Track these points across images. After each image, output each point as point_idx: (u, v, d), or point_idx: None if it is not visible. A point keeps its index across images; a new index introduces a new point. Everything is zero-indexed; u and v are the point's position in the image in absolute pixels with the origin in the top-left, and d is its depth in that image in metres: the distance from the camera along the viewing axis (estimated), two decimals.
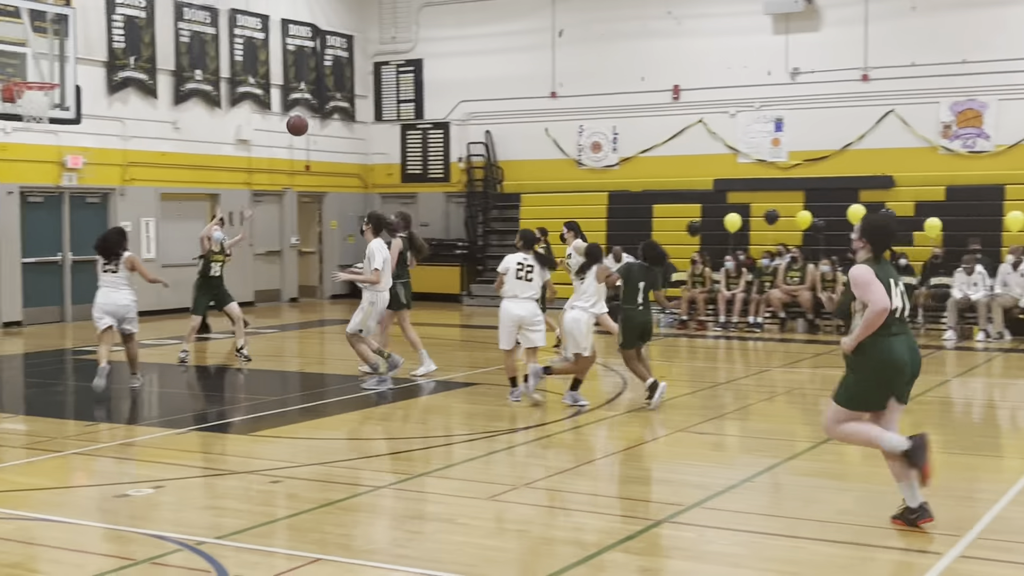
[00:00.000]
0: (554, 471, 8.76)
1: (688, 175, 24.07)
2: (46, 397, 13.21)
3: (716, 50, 23.85)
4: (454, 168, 26.89)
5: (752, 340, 18.33)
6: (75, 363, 15.87)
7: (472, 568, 6.30)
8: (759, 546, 6.82)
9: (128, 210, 21.52)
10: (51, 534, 7.04)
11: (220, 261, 15.20)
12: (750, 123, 23.76)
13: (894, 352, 6.87)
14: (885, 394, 6.98)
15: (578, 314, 11.46)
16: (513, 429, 10.54)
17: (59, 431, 10.57)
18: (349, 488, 8.16)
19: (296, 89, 25.54)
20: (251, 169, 24.47)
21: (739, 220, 21.08)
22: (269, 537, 6.95)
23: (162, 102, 22.43)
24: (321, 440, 10.26)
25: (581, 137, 25.43)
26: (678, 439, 10.09)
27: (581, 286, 11.61)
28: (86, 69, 19.52)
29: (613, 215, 24.17)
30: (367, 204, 27.71)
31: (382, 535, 6.98)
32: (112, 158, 21.39)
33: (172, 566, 6.36)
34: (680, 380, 14.49)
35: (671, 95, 24.45)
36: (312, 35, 26.00)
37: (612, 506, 7.69)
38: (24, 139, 19.19)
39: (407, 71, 27.37)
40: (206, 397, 13.31)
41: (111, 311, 12.49)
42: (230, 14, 23.85)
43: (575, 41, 25.33)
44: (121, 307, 12.49)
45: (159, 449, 9.77)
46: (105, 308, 12.50)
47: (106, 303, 12.51)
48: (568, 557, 6.47)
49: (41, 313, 20.46)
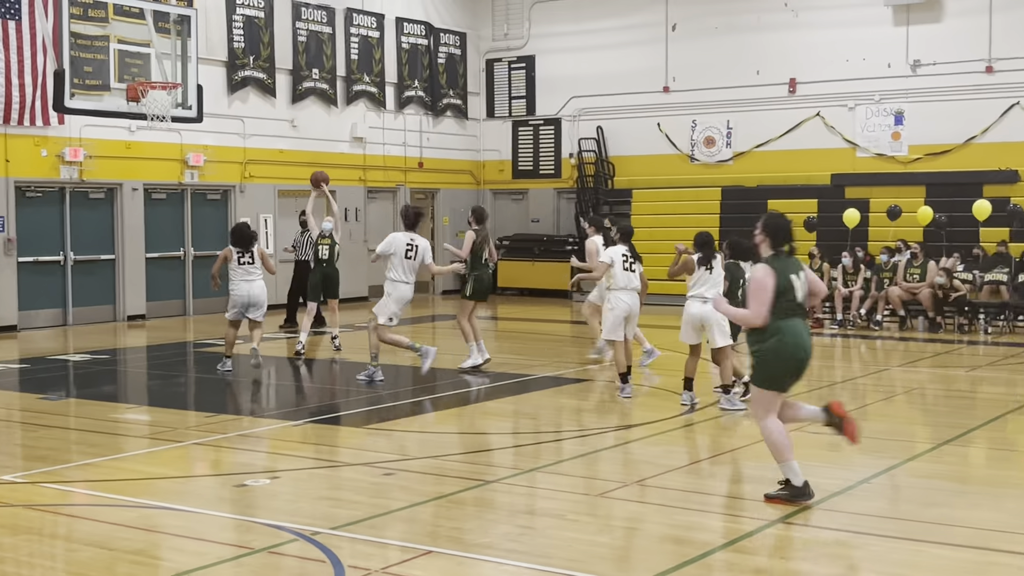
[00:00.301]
0: (665, 469, 8.69)
1: (804, 170, 23.68)
2: (168, 388, 13.61)
3: (834, 42, 23.40)
4: (565, 164, 26.88)
5: (870, 338, 17.93)
6: (196, 355, 16.30)
7: (582, 564, 6.29)
8: (876, 549, 6.66)
9: (247, 207, 22.01)
10: (172, 522, 7.23)
11: (327, 244, 15.63)
12: (869, 116, 23.25)
13: (794, 341, 7.49)
14: (791, 380, 7.59)
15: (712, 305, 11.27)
16: (624, 426, 10.49)
17: (180, 422, 10.85)
18: (460, 482, 8.22)
19: (410, 87, 25.81)
20: (366, 166, 24.81)
21: (858, 216, 20.62)
22: (382, 529, 7.03)
23: (280, 101, 22.88)
24: (432, 433, 10.35)
25: (694, 132, 25.19)
26: (793, 439, 9.90)
27: (710, 277, 11.36)
28: (207, 69, 19.99)
29: (726, 211, 23.89)
30: (479, 200, 27.90)
31: (493, 529, 7.01)
32: (232, 156, 21.91)
33: (288, 555, 6.47)
34: None
35: (787, 88, 24.06)
36: (426, 33, 26.25)
37: (724, 505, 7.59)
38: (148, 138, 19.77)
39: (519, 67, 27.45)
40: (320, 389, 13.53)
41: (246, 301, 13.47)
42: (346, 13, 24.20)
43: (688, 35, 25.10)
44: (255, 296, 13.51)
45: (275, 440, 9.98)
46: (240, 298, 13.49)
47: (241, 293, 13.49)
48: (679, 556, 6.41)
49: (163, 307, 21.07)
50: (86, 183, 19.69)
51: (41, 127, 18.74)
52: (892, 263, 19.23)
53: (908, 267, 18.98)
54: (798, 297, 7.58)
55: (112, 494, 7.92)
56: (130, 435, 10.39)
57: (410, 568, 6.18)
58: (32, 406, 11.79)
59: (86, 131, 19.23)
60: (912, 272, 18.91)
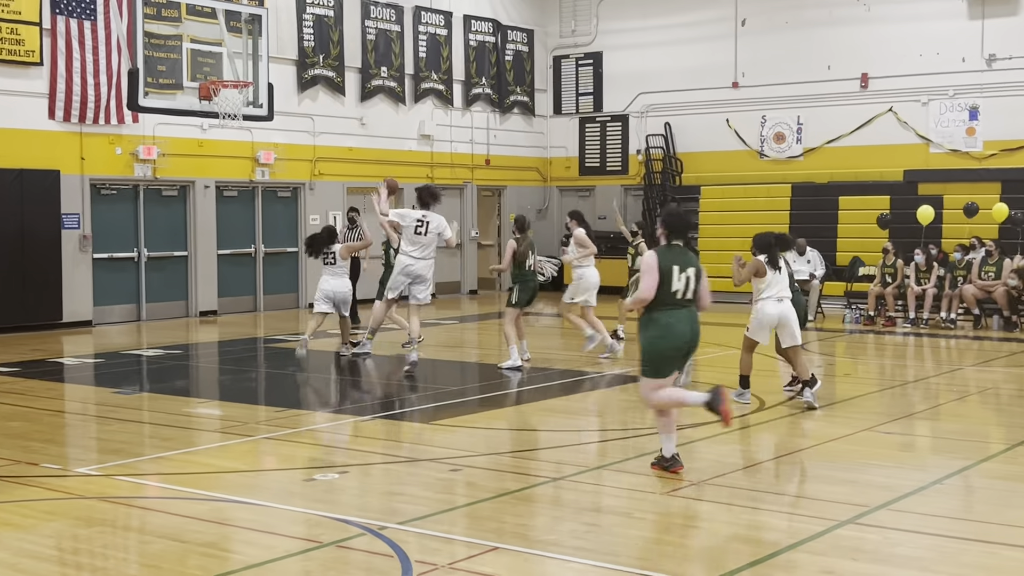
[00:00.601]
0: (733, 468, 8.62)
1: (876, 166, 23.35)
2: (239, 383, 13.79)
3: (907, 36, 23.05)
4: (632, 160, 26.78)
5: (944, 337, 17.62)
6: (267, 351, 16.49)
7: (649, 563, 6.26)
8: (949, 551, 6.55)
9: (316, 204, 22.23)
10: (242, 515, 7.33)
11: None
12: (943, 112, 22.86)
13: (670, 329, 8.06)
14: (670, 364, 8.16)
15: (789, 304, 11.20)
16: (691, 424, 10.42)
17: (251, 416, 10.99)
18: (526, 478, 8.23)
19: (477, 84, 25.88)
20: (433, 163, 24.92)
21: (932, 213, 20.26)
22: (449, 524, 7.06)
23: (349, 99, 23.08)
24: (498, 430, 10.37)
25: (764, 128, 24.95)
26: (863, 438, 9.79)
27: (779, 276, 11.23)
28: (278, 67, 20.22)
29: (796, 207, 23.65)
30: (545, 197, 27.91)
31: (559, 526, 7.00)
32: (302, 154, 22.14)
33: (356, 549, 6.53)
34: (866, 378, 14.08)
35: (859, 83, 23.74)
36: (493, 30, 26.29)
37: (793, 505, 7.51)
38: (220, 136, 20.05)
39: (586, 64, 27.40)
40: (387, 385, 13.61)
41: (331, 296, 14.41)
42: (414, 11, 24.33)
43: (758, 30, 24.87)
44: (340, 293, 14.47)
45: (343, 435, 10.07)
46: (326, 293, 14.41)
47: (327, 289, 14.42)
48: (747, 555, 6.35)
49: (234, 303, 21.35)
50: (159, 180, 20.02)
51: (116, 125, 19.10)
52: (966, 261, 18.88)
53: (983, 265, 18.63)
54: (674, 287, 8.04)
55: (184, 487, 8.05)
56: (202, 429, 10.55)
57: (476, 564, 6.20)
58: (107, 400, 12.02)
59: (159, 129, 19.55)
60: (987, 270, 18.55)
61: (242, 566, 6.20)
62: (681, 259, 8.15)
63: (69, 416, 11.26)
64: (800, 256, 20.03)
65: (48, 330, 18.14)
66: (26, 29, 17.88)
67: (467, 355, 15.57)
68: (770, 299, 11.17)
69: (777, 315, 11.15)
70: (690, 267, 8.14)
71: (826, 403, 11.52)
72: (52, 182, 18.33)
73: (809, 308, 19.50)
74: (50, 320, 18.35)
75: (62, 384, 13.31)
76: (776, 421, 10.64)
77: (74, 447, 9.84)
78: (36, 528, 6.96)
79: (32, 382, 13.05)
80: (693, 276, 8.14)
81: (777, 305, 11.13)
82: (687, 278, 8.10)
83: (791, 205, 23.76)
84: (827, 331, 18.38)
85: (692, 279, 8.13)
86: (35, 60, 18.06)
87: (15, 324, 17.84)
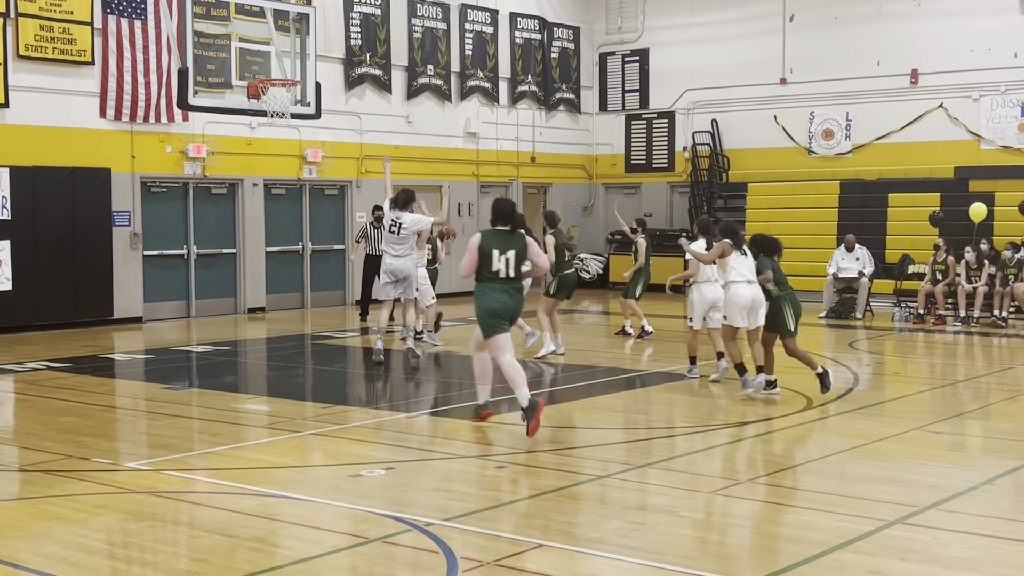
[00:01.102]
0: (779, 467, 8.57)
1: (926, 163, 23.09)
2: (286, 380, 13.90)
3: (958, 31, 22.76)
4: (678, 157, 26.66)
5: (995, 336, 17.40)
6: (314, 347, 16.61)
7: (694, 561, 6.24)
8: (999, 552, 6.47)
9: (363, 202, 22.33)
10: (290, 510, 7.38)
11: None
12: (995, 108, 22.56)
13: (488, 300, 9.53)
14: (491, 327, 9.53)
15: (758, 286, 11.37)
16: (738, 423, 10.38)
17: (298, 412, 11.08)
18: (571, 476, 8.22)
19: (523, 81, 25.89)
20: (479, 161, 24.97)
21: (985, 210, 19.97)
22: (494, 521, 7.08)
23: (395, 97, 23.17)
24: (543, 427, 10.36)
25: (812, 124, 24.75)
26: (912, 438, 9.69)
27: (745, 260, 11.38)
28: (325, 66, 20.34)
29: (845, 205, 23.45)
30: (591, 195, 27.87)
31: (605, 524, 6.99)
32: (348, 152, 22.26)
33: (402, 546, 6.56)
34: (916, 377, 13.94)
35: (909, 79, 23.49)
36: (539, 28, 26.28)
37: (841, 505, 7.45)
38: (268, 134, 20.21)
39: (632, 61, 27.31)
40: (432, 382, 13.66)
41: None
42: (461, 9, 24.38)
43: (806, 26, 24.67)
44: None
45: (390, 432, 10.11)
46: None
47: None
48: (794, 555, 6.31)
49: (282, 300, 21.51)
50: (208, 178, 20.21)
51: (165, 124, 19.30)
52: (1017, 259, 18.61)
53: None
54: (495, 267, 9.49)
55: (232, 482, 8.13)
56: (250, 425, 10.65)
57: (522, 561, 6.21)
58: (157, 395, 12.16)
59: (208, 128, 19.74)
60: None
61: (289, 561, 6.25)
62: (503, 243, 9.55)
63: (120, 411, 11.40)
64: (849, 253, 19.86)
65: (99, 326, 18.38)
66: (78, 29, 18.12)
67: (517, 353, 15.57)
68: (741, 282, 11.27)
69: (751, 297, 11.23)
70: (511, 249, 9.54)
71: (875, 402, 11.43)
72: (103, 180, 18.57)
73: (858, 306, 19.35)
74: (101, 316, 18.59)
75: (113, 380, 13.49)
76: (824, 420, 10.56)
77: (124, 442, 9.97)
78: (87, 522, 7.06)
79: (83, 378, 13.24)
80: (514, 257, 9.53)
81: (749, 287, 11.24)
82: (507, 259, 9.52)
83: (839, 202, 23.56)
84: (876, 329, 18.21)
85: (512, 260, 9.53)
86: (87, 59, 18.30)
87: (67, 320, 18.09)
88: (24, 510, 7.38)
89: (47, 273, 17.79)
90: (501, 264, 9.51)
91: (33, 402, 11.70)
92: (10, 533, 6.80)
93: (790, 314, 11.27)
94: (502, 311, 9.54)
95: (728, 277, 11.40)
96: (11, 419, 11.30)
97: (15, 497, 7.80)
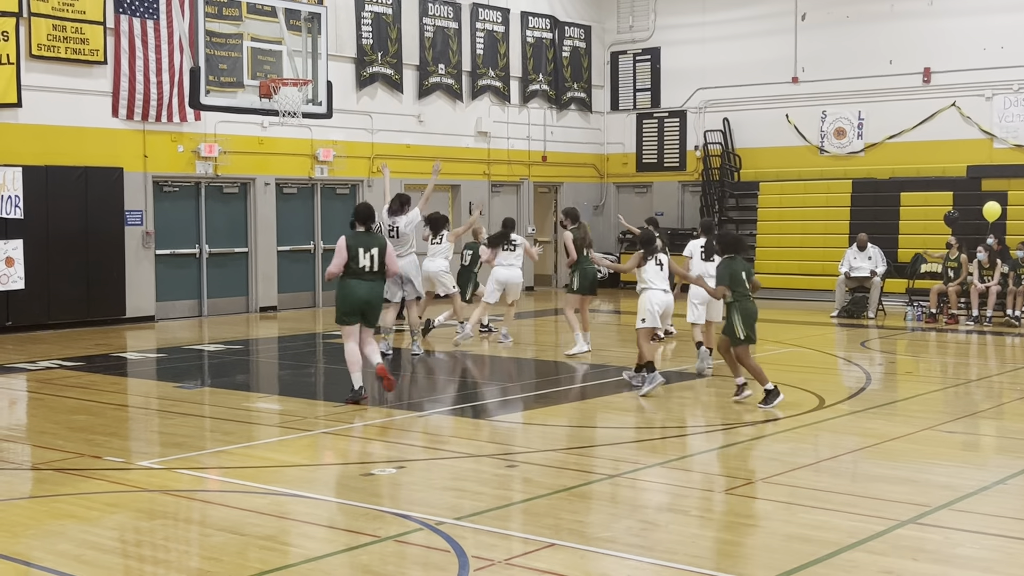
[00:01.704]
0: (792, 466, 8.55)
1: (939, 161, 23.03)
2: (298, 379, 13.92)
3: (970, 30, 22.69)
4: (690, 156, 26.63)
5: (1008, 335, 17.34)
6: (325, 346, 16.63)
7: (707, 561, 6.23)
8: (1012, 552, 6.45)
9: (374, 201, 22.20)
10: (301, 509, 7.40)
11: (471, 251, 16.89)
12: (1008, 106, 22.48)
13: (352, 292, 10.83)
14: (347, 318, 10.89)
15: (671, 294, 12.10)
16: (751, 423, 10.36)
17: (310, 411, 11.09)
18: (583, 475, 8.22)
19: (534, 81, 25.88)
20: (490, 160, 24.97)
21: (999, 209, 19.89)
22: (505, 520, 7.08)
23: (407, 96, 23.18)
24: (555, 427, 10.37)
25: (824, 123, 24.70)
26: (924, 437, 9.67)
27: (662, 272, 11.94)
28: (336, 65, 20.35)
29: (857, 204, 23.40)
30: (602, 194, 27.86)
31: (616, 524, 6.99)
32: (360, 151, 22.28)
33: (414, 544, 6.57)
34: (928, 376, 13.90)
35: (921, 78, 23.42)
36: (551, 27, 26.27)
37: (853, 504, 7.43)
38: (280, 133, 20.24)
39: (644, 60, 27.28)
40: (445, 382, 13.67)
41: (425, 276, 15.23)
42: (472, 8, 24.38)
43: (818, 24, 24.62)
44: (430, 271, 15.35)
45: (401, 431, 10.12)
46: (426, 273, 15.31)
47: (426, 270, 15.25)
48: (806, 555, 6.30)
49: (294, 299, 21.55)
50: (220, 178, 20.25)
51: (178, 123, 19.35)
52: None
53: None
54: (361, 263, 10.75)
55: (244, 480, 8.15)
56: (261, 423, 10.67)
57: (533, 560, 6.21)
58: (169, 394, 12.19)
59: (220, 127, 19.78)
60: None
61: (301, 559, 6.26)
62: (366, 242, 10.86)
63: (132, 410, 11.43)
64: (861, 252, 19.80)
65: (111, 325, 18.43)
66: (90, 28, 18.17)
67: (524, 351, 15.56)
68: (656, 289, 11.75)
69: (664, 303, 11.81)
70: (374, 247, 10.86)
71: (887, 402, 11.41)
72: (116, 179, 18.62)
73: (870, 305, 19.31)
74: (113, 315, 18.64)
75: (125, 378, 13.53)
76: (836, 420, 10.54)
77: (137, 441, 10.00)
78: (99, 520, 7.08)
79: (96, 376, 13.28)
80: (377, 254, 10.82)
81: (663, 295, 11.79)
82: (371, 256, 10.81)
83: (851, 201, 23.51)
84: (889, 329, 18.16)
85: (376, 256, 10.82)
86: (99, 59, 18.35)
87: (79, 319, 18.15)
88: (37, 508, 7.40)
89: (60, 272, 17.85)
90: (367, 260, 10.80)
91: (46, 401, 11.74)
92: (23, 531, 6.83)
93: (738, 321, 10.89)
94: (361, 304, 10.84)
95: (642, 285, 11.87)
96: (24, 418, 11.35)
97: (28, 495, 7.82)
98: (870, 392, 11.95)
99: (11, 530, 6.84)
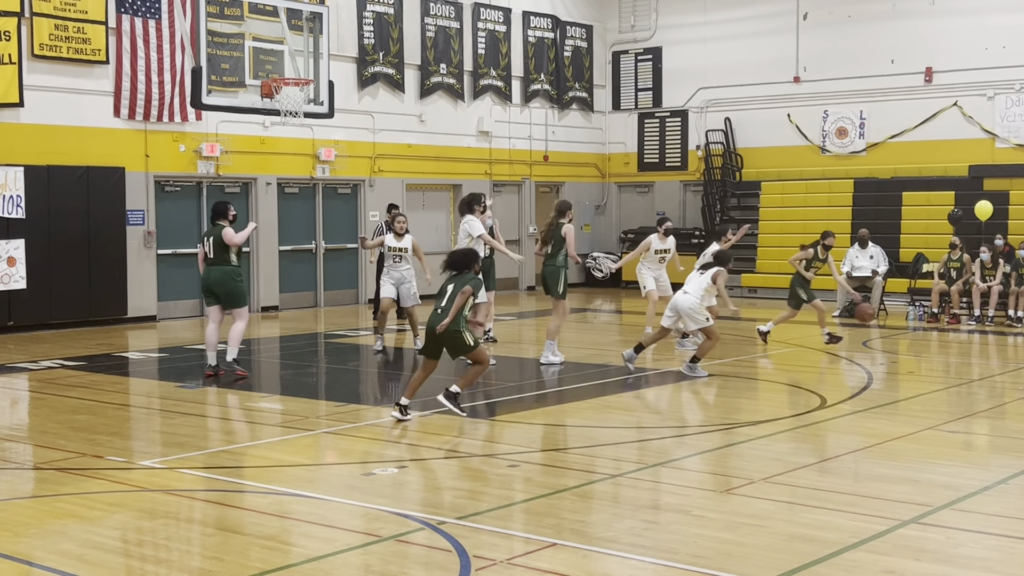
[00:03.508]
0: (794, 466, 8.55)
1: (941, 161, 23.03)
2: (300, 378, 13.92)
3: (972, 29, 22.69)
4: (691, 156, 26.63)
5: (1010, 335, 17.33)
6: (327, 346, 16.63)
7: (708, 561, 6.23)
8: (1014, 551, 6.45)
9: (376, 201, 22.36)
10: (303, 508, 7.40)
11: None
12: (1010, 106, 22.48)
13: (205, 277, 12.76)
14: (206, 300, 13.03)
15: None
16: (752, 422, 10.36)
17: (311, 411, 11.09)
18: (584, 475, 8.22)
19: (536, 80, 25.89)
20: (492, 160, 24.98)
21: (990, 208, 19.88)
22: (507, 520, 7.08)
23: (408, 96, 23.19)
24: (557, 426, 10.37)
25: (825, 122, 24.70)
26: (926, 437, 9.67)
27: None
28: (338, 65, 20.37)
29: (859, 203, 23.40)
30: (604, 193, 27.87)
31: (617, 523, 6.99)
32: (361, 151, 22.28)
33: (415, 544, 6.57)
34: (930, 376, 13.89)
35: (923, 78, 23.42)
36: (552, 26, 26.28)
37: (855, 504, 7.43)
38: (281, 133, 20.26)
39: (645, 59, 27.29)
40: (447, 382, 13.65)
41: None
42: (474, 8, 24.38)
43: (820, 24, 24.63)
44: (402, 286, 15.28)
45: (403, 430, 10.12)
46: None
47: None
48: (808, 555, 6.30)
49: (296, 298, 21.55)
50: (222, 177, 20.26)
51: (179, 123, 19.36)
52: None
53: None
54: (206, 251, 12.67)
55: (246, 480, 8.15)
56: (263, 423, 10.67)
57: (534, 560, 6.21)
58: (171, 394, 12.20)
59: (222, 127, 19.79)
60: None
61: (303, 559, 6.26)
62: (211, 232, 12.68)
63: (134, 410, 11.44)
64: (863, 250, 19.80)
65: (113, 325, 18.44)
66: (92, 28, 18.18)
67: (525, 351, 15.56)
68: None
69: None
70: (211, 236, 12.62)
71: (889, 402, 11.41)
72: (117, 179, 18.63)
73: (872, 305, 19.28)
74: (115, 315, 18.66)
75: (127, 378, 13.53)
76: (838, 419, 10.54)
77: (138, 440, 10.00)
78: (101, 520, 7.08)
79: (97, 376, 13.29)
80: (214, 241, 12.55)
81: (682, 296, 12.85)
82: (212, 245, 12.58)
83: (853, 201, 23.51)
84: (890, 328, 18.15)
85: (213, 243, 12.57)
86: (101, 59, 18.36)
87: (81, 319, 18.16)
88: (39, 508, 7.41)
89: (61, 272, 17.86)
90: (209, 247, 12.68)
91: (47, 400, 11.75)
92: (25, 531, 6.83)
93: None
94: (211, 286, 12.70)
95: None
96: (26, 417, 11.36)
97: (30, 495, 7.83)
98: (872, 392, 11.95)
99: (13, 530, 6.84)
